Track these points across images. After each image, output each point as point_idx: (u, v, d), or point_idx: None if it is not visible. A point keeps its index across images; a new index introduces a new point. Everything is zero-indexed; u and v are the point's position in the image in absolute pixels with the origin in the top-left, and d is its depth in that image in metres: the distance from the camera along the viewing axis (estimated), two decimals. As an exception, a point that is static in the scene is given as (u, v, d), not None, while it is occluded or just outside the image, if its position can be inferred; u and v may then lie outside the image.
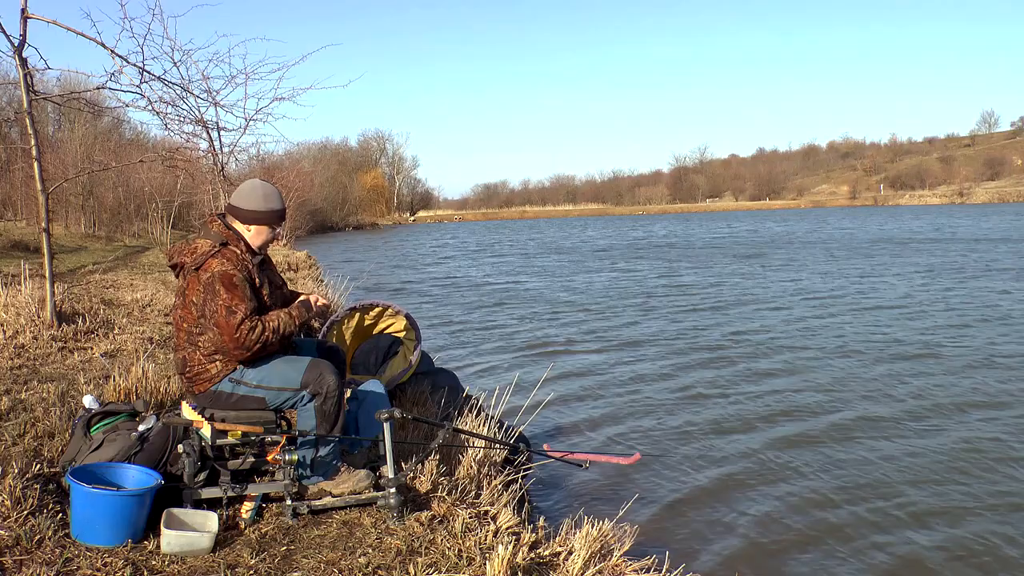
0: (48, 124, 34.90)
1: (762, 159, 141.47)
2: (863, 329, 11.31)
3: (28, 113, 6.86)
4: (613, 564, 3.34)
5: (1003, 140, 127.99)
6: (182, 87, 7.78)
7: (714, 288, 17.14)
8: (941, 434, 6.43)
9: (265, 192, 3.53)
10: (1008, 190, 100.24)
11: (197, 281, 3.34)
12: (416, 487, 3.66)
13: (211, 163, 10.32)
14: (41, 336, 6.56)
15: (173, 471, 3.36)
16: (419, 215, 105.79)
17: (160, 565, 2.86)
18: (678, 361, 9.59)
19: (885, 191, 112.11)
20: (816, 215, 69.57)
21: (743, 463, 5.95)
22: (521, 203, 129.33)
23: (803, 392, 7.91)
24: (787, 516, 5.00)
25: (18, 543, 2.82)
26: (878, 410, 7.16)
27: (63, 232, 26.84)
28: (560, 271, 23.14)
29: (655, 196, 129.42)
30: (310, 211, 52.92)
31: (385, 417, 3.39)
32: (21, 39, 6.71)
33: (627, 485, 5.48)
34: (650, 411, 7.39)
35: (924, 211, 70.49)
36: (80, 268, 16.58)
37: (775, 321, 12.34)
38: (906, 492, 5.30)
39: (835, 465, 5.84)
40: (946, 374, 8.38)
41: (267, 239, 3.57)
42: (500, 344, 11.17)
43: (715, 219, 69.72)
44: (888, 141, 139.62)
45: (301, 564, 2.96)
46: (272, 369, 3.43)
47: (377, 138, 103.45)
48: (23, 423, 4.10)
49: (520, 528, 3.49)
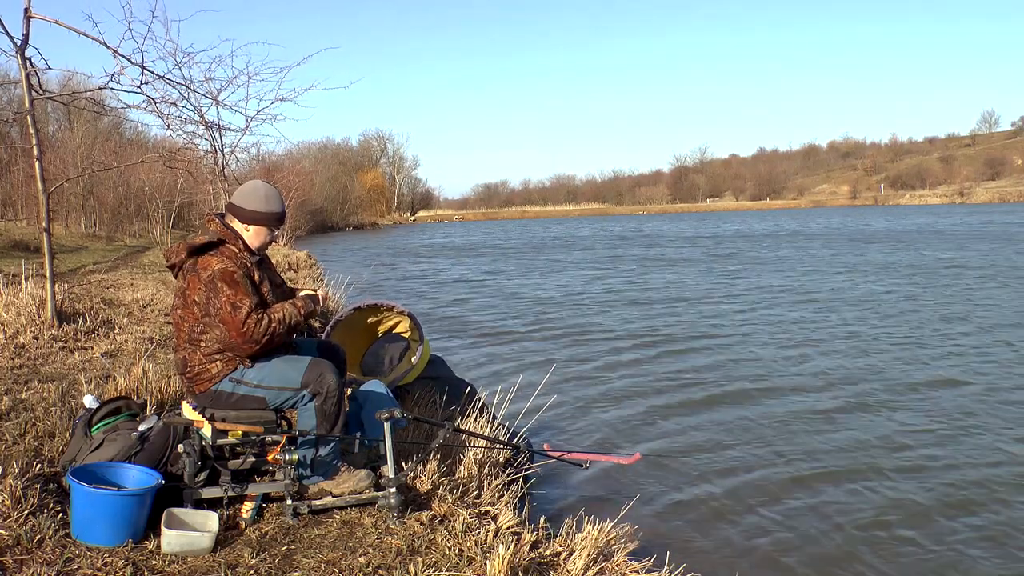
0: (49, 124, 34.92)
1: (762, 159, 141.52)
2: (870, 331, 11.31)
3: (30, 113, 6.87)
4: (614, 564, 3.33)
5: (1004, 140, 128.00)
6: (185, 87, 7.79)
7: (714, 287, 17.14)
8: (943, 418, 6.44)
9: (266, 193, 3.53)
10: (1009, 190, 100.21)
11: (198, 280, 3.33)
12: (417, 487, 3.66)
13: (212, 163, 10.33)
14: (42, 336, 6.56)
15: (173, 471, 3.36)
16: (419, 215, 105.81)
17: (160, 565, 2.86)
18: (678, 360, 9.58)
19: (885, 191, 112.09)
20: (810, 215, 69.53)
21: (743, 463, 5.94)
22: (521, 203, 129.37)
23: (802, 392, 7.90)
24: (787, 516, 4.99)
25: (18, 543, 2.82)
26: (881, 409, 7.16)
27: (64, 232, 26.86)
28: (560, 271, 23.14)
29: (655, 196, 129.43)
30: (310, 211, 52.96)
31: (386, 417, 3.39)
32: (24, 38, 6.72)
33: (627, 485, 5.48)
34: (650, 411, 7.39)
35: (921, 211, 70.44)
36: (81, 268, 16.59)
37: (775, 321, 12.34)
38: (906, 492, 5.30)
39: (836, 465, 5.83)
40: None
41: (265, 240, 3.56)
42: (501, 344, 11.17)
43: (713, 218, 69.71)
44: (888, 141, 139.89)
45: (301, 564, 2.96)
46: (272, 369, 3.42)
47: (377, 138, 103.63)
48: (24, 423, 4.10)
49: (521, 528, 3.49)
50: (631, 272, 21.93)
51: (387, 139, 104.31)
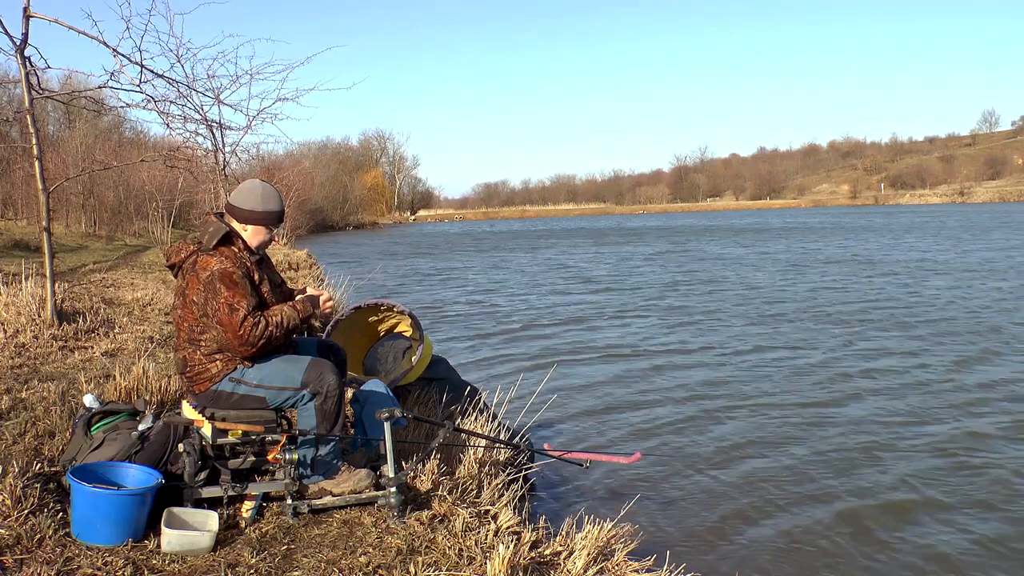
0: (48, 123, 34.91)
1: (763, 158, 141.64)
2: (871, 331, 11.31)
3: (29, 112, 6.86)
4: (614, 564, 3.33)
5: (1004, 139, 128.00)
6: (186, 85, 7.78)
7: (713, 287, 17.13)
8: (947, 425, 6.44)
9: (264, 193, 3.53)
10: (1009, 189, 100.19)
11: (196, 280, 3.33)
12: (417, 486, 3.66)
13: (212, 162, 10.32)
14: (42, 335, 6.56)
15: (174, 470, 3.36)
16: (419, 214, 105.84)
17: (160, 564, 2.86)
18: (678, 361, 9.58)
19: (886, 190, 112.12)
20: (809, 214, 69.56)
21: (744, 462, 5.94)
22: (522, 202, 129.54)
23: (803, 392, 7.90)
24: (788, 515, 4.99)
25: (19, 542, 2.82)
26: (885, 409, 7.16)
27: (64, 231, 26.85)
28: (561, 269, 23.13)
29: (656, 195, 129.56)
30: (310, 210, 52.94)
31: (386, 416, 3.39)
32: (23, 37, 6.71)
33: (627, 485, 5.48)
34: (650, 411, 7.38)
35: (919, 210, 70.48)
36: (81, 267, 16.58)
37: (775, 321, 12.33)
38: (907, 490, 5.30)
39: (837, 465, 5.83)
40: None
41: (264, 240, 3.56)
42: (501, 344, 11.17)
43: (715, 215, 69.73)
44: (889, 140, 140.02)
45: (302, 563, 2.96)
46: (273, 368, 3.42)
47: (378, 137, 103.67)
48: (23, 422, 4.10)
49: (521, 527, 3.49)
50: (631, 271, 21.93)
51: (387, 138, 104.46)
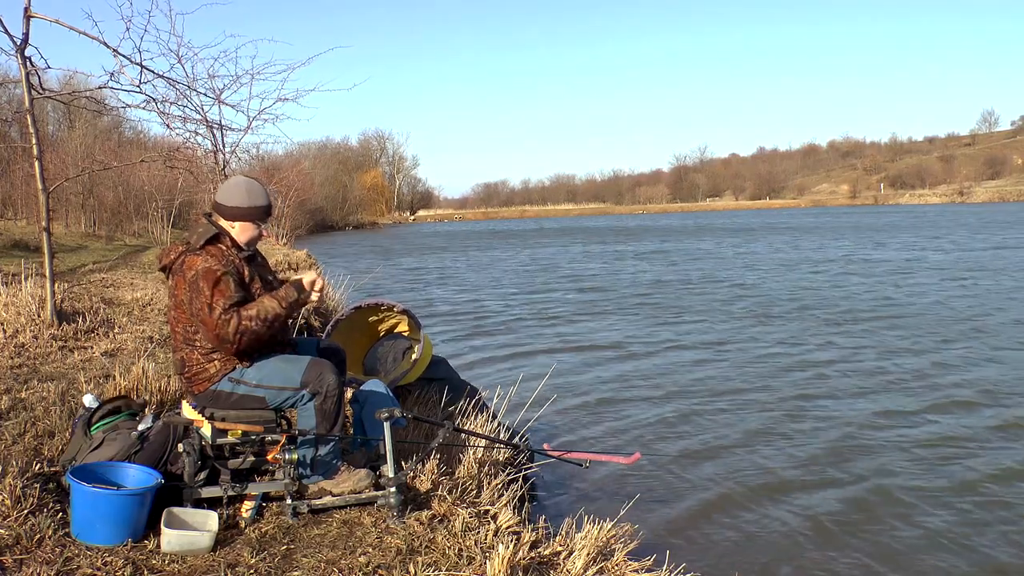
0: (48, 123, 34.90)
1: (762, 158, 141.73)
2: (872, 333, 11.31)
3: (29, 112, 6.86)
4: (614, 564, 3.33)
5: (1003, 139, 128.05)
6: (186, 85, 7.77)
7: (713, 287, 17.14)
8: (949, 421, 6.44)
9: (248, 188, 3.51)
10: (1009, 189, 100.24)
11: (183, 280, 3.33)
12: (416, 486, 3.66)
13: (212, 162, 10.30)
14: (41, 335, 6.55)
15: (173, 470, 3.36)
16: (419, 214, 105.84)
17: (160, 564, 2.86)
18: (679, 360, 9.59)
19: (885, 190, 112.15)
20: (809, 214, 69.55)
21: (743, 462, 5.94)
22: (521, 202, 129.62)
23: (802, 392, 7.90)
24: (788, 515, 5.00)
25: (18, 542, 2.82)
26: (886, 409, 7.16)
27: (63, 231, 26.84)
28: (561, 269, 23.13)
29: (655, 195, 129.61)
30: (310, 210, 52.96)
31: (385, 416, 3.39)
32: (24, 37, 6.71)
33: (627, 485, 5.48)
34: (650, 411, 7.39)
35: (917, 210, 70.46)
36: (80, 267, 16.57)
37: (775, 320, 12.34)
38: (907, 489, 5.30)
39: (838, 464, 5.83)
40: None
41: (253, 235, 3.55)
42: (501, 344, 11.16)
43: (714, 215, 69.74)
44: (888, 140, 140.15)
45: (301, 563, 2.96)
46: (272, 368, 3.42)
47: (377, 137, 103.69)
48: (23, 422, 4.10)
49: (520, 527, 3.49)
50: (631, 271, 21.92)
51: (387, 138, 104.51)
